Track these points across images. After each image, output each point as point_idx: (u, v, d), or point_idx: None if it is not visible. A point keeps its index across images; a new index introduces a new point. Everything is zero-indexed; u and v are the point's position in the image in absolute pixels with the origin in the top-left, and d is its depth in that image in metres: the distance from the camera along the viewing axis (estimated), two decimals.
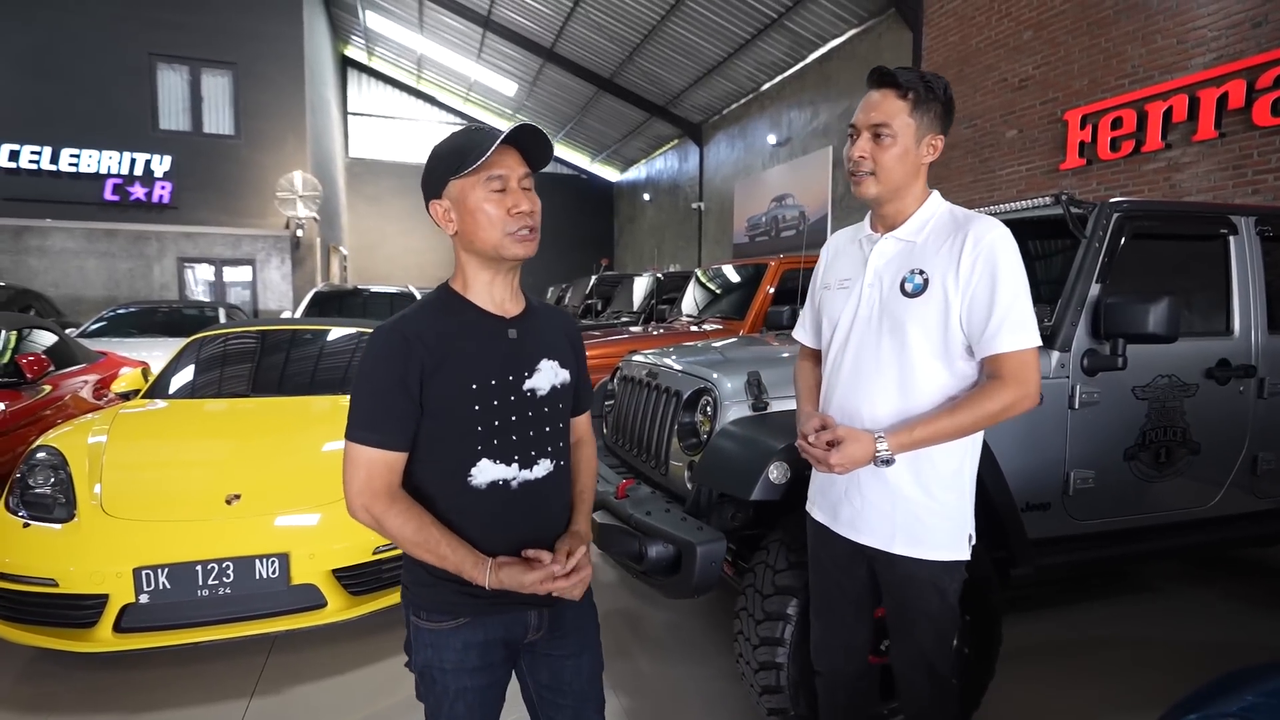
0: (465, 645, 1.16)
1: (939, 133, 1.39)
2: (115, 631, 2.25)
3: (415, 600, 1.18)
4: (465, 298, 1.17)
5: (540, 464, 1.17)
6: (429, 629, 1.17)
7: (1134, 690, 2.40)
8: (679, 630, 2.83)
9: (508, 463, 1.14)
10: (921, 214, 1.41)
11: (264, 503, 2.51)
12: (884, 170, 1.36)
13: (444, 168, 1.12)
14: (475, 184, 1.10)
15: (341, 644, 2.65)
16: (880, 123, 1.35)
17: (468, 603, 1.14)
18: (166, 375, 3.58)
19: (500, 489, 1.14)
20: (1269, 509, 2.68)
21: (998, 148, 7.53)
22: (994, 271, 1.30)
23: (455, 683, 1.16)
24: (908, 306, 1.36)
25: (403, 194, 20.65)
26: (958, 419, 1.30)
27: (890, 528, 1.41)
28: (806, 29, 10.76)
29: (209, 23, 11.94)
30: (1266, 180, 5.21)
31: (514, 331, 1.17)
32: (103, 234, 11.68)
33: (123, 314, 7.56)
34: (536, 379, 1.18)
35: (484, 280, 1.16)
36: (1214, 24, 5.53)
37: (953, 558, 1.40)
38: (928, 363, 1.36)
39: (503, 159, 1.10)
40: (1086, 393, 2.27)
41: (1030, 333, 1.30)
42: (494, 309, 1.17)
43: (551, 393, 1.19)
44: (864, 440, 1.32)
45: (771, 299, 5.22)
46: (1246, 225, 2.58)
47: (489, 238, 1.11)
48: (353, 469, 1.10)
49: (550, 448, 1.19)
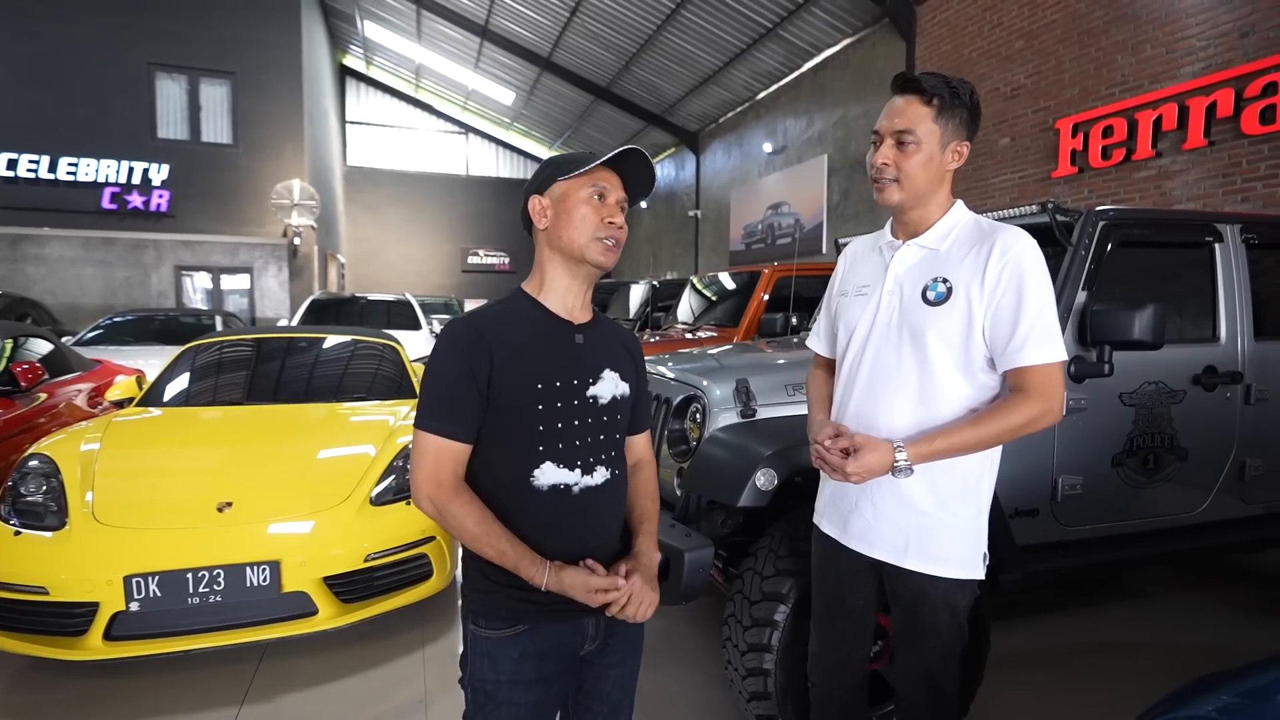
0: (523, 655, 1.15)
1: (964, 139, 1.36)
2: (106, 639, 2.25)
3: (474, 608, 1.18)
4: (538, 300, 1.21)
5: (599, 471, 1.19)
6: (487, 637, 1.16)
7: (1124, 696, 2.41)
8: (669, 637, 2.83)
9: (570, 467, 1.16)
10: (945, 222, 1.38)
11: (256, 510, 2.51)
12: (907, 177, 1.34)
13: (554, 169, 1.19)
14: (579, 186, 1.17)
15: (333, 652, 2.65)
16: (904, 129, 1.33)
17: (528, 610, 1.15)
18: (161, 383, 3.58)
19: (562, 493, 1.15)
20: (1257, 514, 2.69)
21: (991, 155, 7.58)
22: (1020, 283, 1.27)
23: (509, 696, 1.15)
24: (929, 315, 1.34)
25: (401, 202, 20.72)
26: (979, 431, 1.28)
27: (903, 541, 1.38)
28: (801, 39, 10.84)
29: (208, 33, 12.02)
30: (1255, 188, 5.25)
31: (581, 337, 1.21)
32: (100, 242, 11.70)
33: (119, 322, 7.56)
34: (599, 387, 1.20)
35: (561, 284, 1.20)
36: (1202, 34, 5.58)
37: (966, 575, 1.37)
38: (949, 373, 1.33)
39: (608, 176, 1.19)
40: (1074, 399, 2.28)
41: (1056, 346, 1.27)
42: (564, 313, 1.20)
43: (612, 403, 1.21)
44: (882, 449, 1.29)
45: (765, 306, 5.25)
46: (1231, 233, 2.60)
47: (578, 236, 1.16)
48: (420, 457, 1.12)
49: (607, 456, 1.21)
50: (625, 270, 20.36)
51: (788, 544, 1.92)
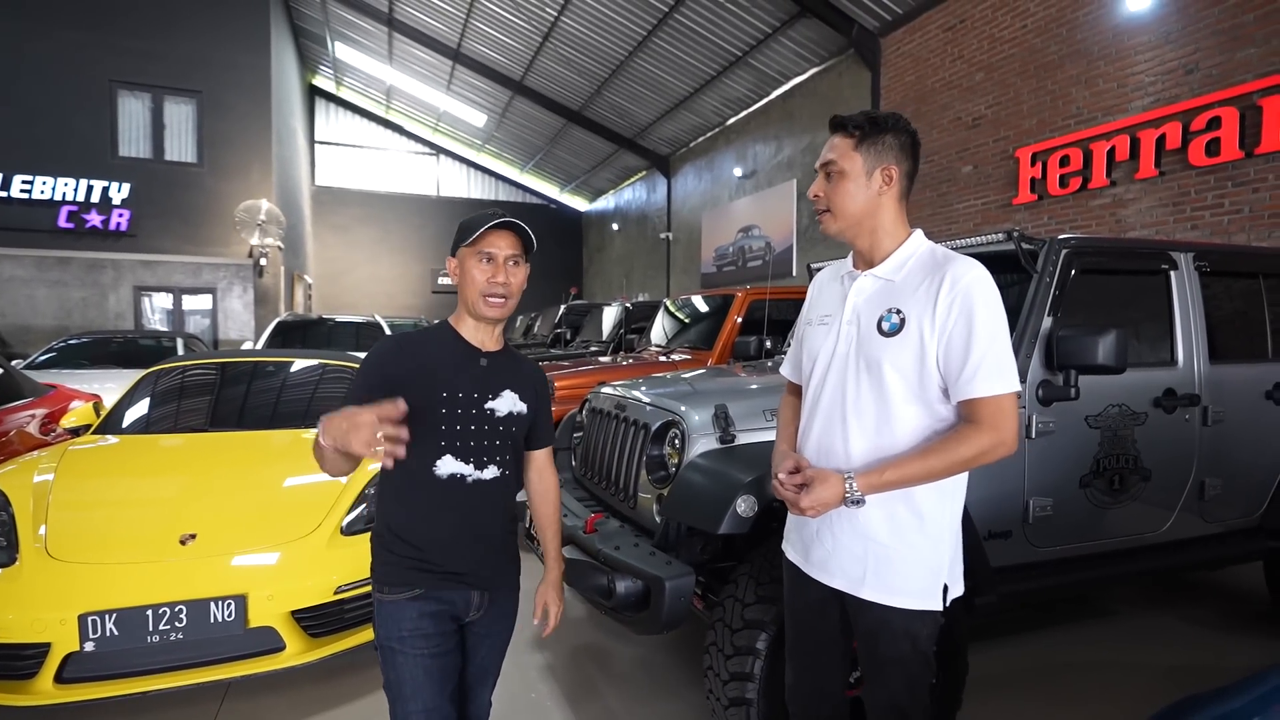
0: (420, 614, 1.39)
1: (892, 162, 1.38)
2: (57, 682, 2.14)
3: (378, 575, 1.44)
4: (456, 330, 1.49)
5: (490, 468, 1.45)
6: (389, 600, 1.41)
7: (1100, 715, 2.44)
8: (649, 666, 2.79)
9: (466, 461, 1.42)
10: (901, 252, 1.40)
11: (220, 542, 2.43)
12: (836, 206, 1.40)
13: (460, 236, 1.45)
14: (472, 254, 1.43)
15: (300, 689, 2.56)
16: (829, 160, 1.40)
17: (423, 577, 1.41)
18: (120, 409, 3.46)
19: (458, 481, 1.42)
20: (1217, 533, 2.78)
21: (954, 183, 7.81)
22: (971, 314, 1.28)
23: (412, 649, 1.37)
24: (884, 346, 1.35)
25: (370, 223, 20.49)
26: (929, 462, 1.28)
27: (860, 570, 1.38)
28: (770, 67, 11.09)
29: (174, 51, 11.82)
30: (1204, 216, 5.49)
31: (485, 361, 1.49)
32: (55, 262, 11.32)
33: (74, 344, 7.30)
34: (497, 402, 1.47)
35: (470, 324, 1.50)
36: (1150, 70, 5.86)
37: (923, 607, 1.36)
38: (905, 404, 1.34)
39: (496, 240, 1.43)
40: (1042, 422, 2.33)
41: (1008, 378, 1.27)
42: (475, 343, 1.49)
43: (508, 416, 1.48)
44: (833, 481, 1.30)
45: (739, 329, 5.29)
46: (1186, 261, 2.71)
47: (469, 295, 1.45)
48: None
49: (499, 458, 1.47)
50: (598, 292, 20.40)
51: (769, 570, 1.92)
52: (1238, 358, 2.80)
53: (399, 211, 20.83)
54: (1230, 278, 2.85)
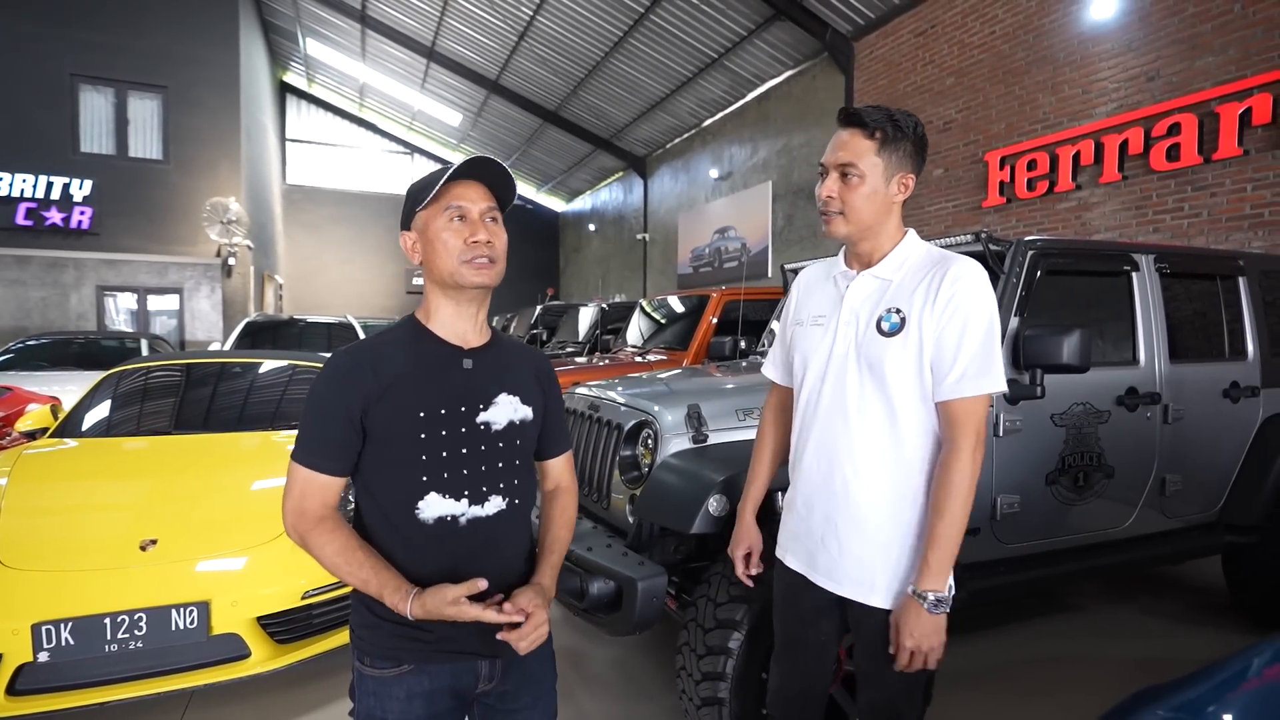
0: (409, 695, 1.11)
1: (910, 171, 1.36)
2: (9, 694, 2.07)
3: (358, 644, 1.15)
4: (426, 327, 1.17)
5: (492, 500, 1.14)
6: (371, 676, 1.12)
7: (1066, 706, 2.49)
8: (623, 667, 2.78)
9: (457, 497, 1.11)
10: (899, 252, 1.39)
11: (183, 548, 2.37)
12: (852, 210, 1.34)
13: (411, 201, 1.15)
14: (435, 214, 1.13)
15: (266, 697, 2.50)
16: (847, 162, 1.33)
17: (411, 648, 1.11)
18: (79, 412, 3.36)
19: (448, 524, 1.11)
20: (1178, 528, 2.85)
21: (926, 185, 7.92)
22: (967, 314, 1.28)
23: None
24: (885, 345, 1.33)
25: (342, 222, 20.19)
26: (953, 511, 1.26)
27: (869, 577, 1.36)
28: (745, 69, 11.15)
29: (138, 45, 11.52)
30: (1165, 220, 5.64)
31: (469, 362, 1.16)
32: (13, 260, 10.98)
33: (33, 345, 7.09)
34: (491, 413, 1.15)
35: (447, 311, 1.17)
36: (1114, 76, 6.00)
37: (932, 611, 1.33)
38: (912, 403, 1.33)
39: (465, 191, 1.14)
40: (1010, 421, 2.37)
41: (995, 377, 1.28)
42: (454, 339, 1.17)
43: (509, 428, 1.17)
44: (917, 613, 1.27)
45: (714, 329, 5.31)
46: (1147, 262, 2.77)
47: (446, 265, 1.12)
48: (289, 487, 1.11)
49: (504, 484, 1.15)
50: (574, 293, 20.34)
51: None
52: (1197, 357, 2.87)
53: (373, 211, 20.56)
54: (1189, 279, 2.93)
